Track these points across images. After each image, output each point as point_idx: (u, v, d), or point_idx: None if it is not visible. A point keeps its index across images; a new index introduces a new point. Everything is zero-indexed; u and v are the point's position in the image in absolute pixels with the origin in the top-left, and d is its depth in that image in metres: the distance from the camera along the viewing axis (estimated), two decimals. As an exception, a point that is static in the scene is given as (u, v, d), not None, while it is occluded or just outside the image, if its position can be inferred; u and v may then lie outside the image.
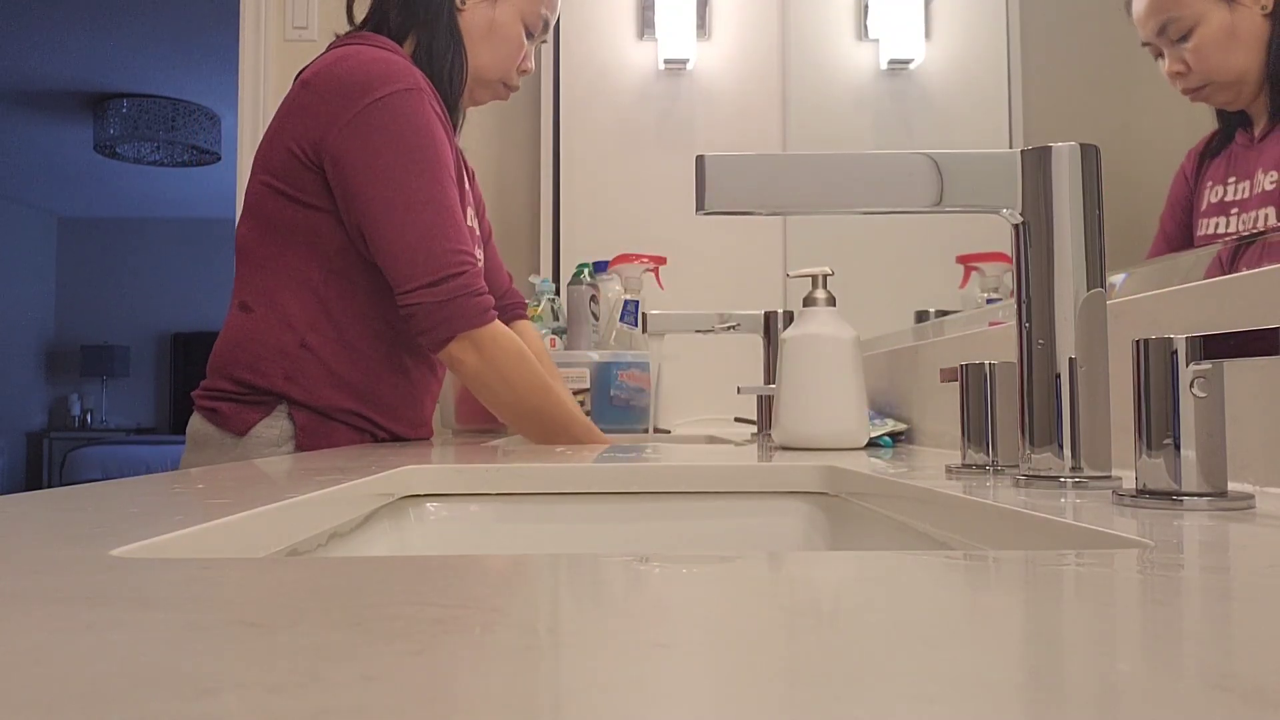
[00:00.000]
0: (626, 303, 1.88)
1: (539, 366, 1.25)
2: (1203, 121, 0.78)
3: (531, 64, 1.40)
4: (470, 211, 1.36)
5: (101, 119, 5.51)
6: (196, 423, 1.27)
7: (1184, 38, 0.76)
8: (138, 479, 0.64)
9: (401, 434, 1.35)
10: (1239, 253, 0.69)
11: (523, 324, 1.54)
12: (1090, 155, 0.61)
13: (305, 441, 1.24)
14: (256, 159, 1.27)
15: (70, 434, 7.55)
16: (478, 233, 1.41)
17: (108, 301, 7.86)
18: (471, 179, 1.49)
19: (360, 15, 1.36)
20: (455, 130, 1.40)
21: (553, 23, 1.41)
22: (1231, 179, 0.71)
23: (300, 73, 1.28)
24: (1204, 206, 0.74)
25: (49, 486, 3.49)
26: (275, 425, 1.24)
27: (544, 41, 1.42)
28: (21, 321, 7.50)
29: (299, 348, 1.24)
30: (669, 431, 2.03)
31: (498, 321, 1.23)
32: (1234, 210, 0.70)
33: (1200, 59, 0.74)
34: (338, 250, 1.25)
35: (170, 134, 5.48)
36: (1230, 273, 0.68)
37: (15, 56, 4.91)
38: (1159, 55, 0.79)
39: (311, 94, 1.22)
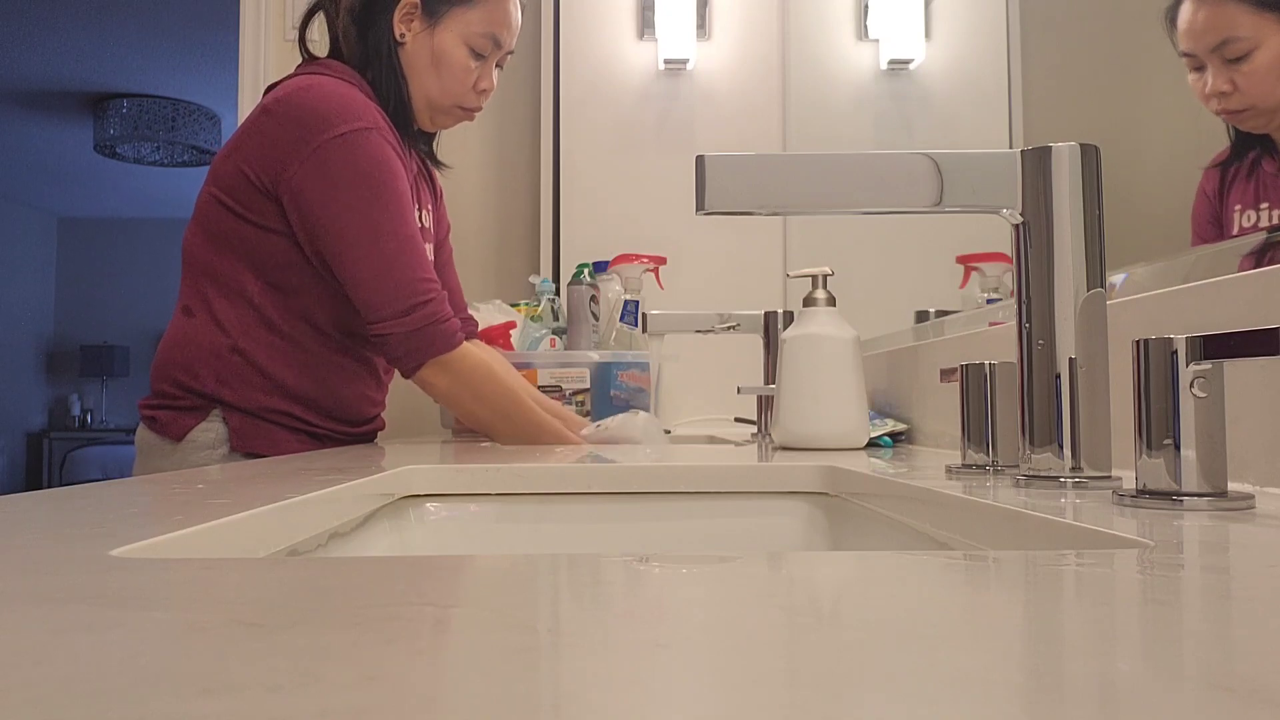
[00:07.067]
0: (626, 303, 1.88)
1: (506, 379, 1.32)
2: (1203, 120, 0.78)
3: (488, 83, 1.39)
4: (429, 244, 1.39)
5: (101, 119, 5.51)
6: (141, 431, 1.32)
7: (1240, 59, 0.74)
8: (137, 479, 0.64)
9: (342, 431, 1.38)
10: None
11: (474, 343, 1.56)
12: (1090, 155, 0.61)
13: (239, 444, 1.27)
14: (210, 169, 1.30)
15: (70, 434, 7.55)
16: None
17: (107, 301, 7.85)
18: (439, 200, 1.51)
19: (316, 49, 1.39)
20: (429, 159, 1.47)
21: (508, 43, 1.38)
22: (1264, 205, 0.71)
23: (268, 89, 1.31)
24: (1235, 230, 0.74)
25: (49, 486, 3.49)
26: (210, 429, 1.27)
27: (499, 66, 1.40)
28: (21, 321, 7.49)
29: (230, 351, 1.28)
30: (669, 432, 2.02)
31: (465, 343, 1.29)
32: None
33: (1253, 83, 0.73)
34: (277, 267, 1.28)
35: (170, 134, 5.48)
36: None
37: (15, 56, 4.91)
38: (1196, 69, 0.77)
39: (271, 121, 1.25)
